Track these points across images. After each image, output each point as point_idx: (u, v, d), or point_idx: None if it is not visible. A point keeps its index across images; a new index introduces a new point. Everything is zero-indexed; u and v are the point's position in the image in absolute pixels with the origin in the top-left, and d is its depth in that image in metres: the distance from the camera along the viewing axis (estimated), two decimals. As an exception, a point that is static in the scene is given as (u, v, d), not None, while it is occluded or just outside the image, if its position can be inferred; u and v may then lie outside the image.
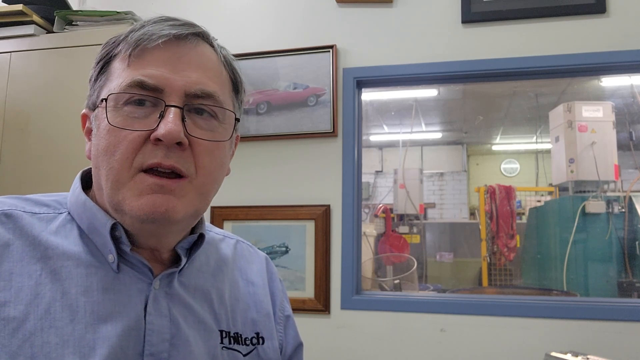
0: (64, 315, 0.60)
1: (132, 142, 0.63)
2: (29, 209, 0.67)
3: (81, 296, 0.62)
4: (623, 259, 3.12)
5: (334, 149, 2.21)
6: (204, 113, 0.67)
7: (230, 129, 0.71)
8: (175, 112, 0.63)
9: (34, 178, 1.94)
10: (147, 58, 0.65)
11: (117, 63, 0.67)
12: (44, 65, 2.05)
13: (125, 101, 0.64)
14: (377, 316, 2.07)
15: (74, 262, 0.64)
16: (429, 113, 6.27)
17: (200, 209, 0.69)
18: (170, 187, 0.63)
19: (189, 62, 0.67)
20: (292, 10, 2.37)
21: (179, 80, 0.65)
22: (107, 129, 0.64)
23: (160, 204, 0.62)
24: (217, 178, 0.71)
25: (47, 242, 0.64)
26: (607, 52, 2.01)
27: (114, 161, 0.63)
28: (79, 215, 0.68)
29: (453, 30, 2.18)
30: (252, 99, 2.33)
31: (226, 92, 0.72)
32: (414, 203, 5.27)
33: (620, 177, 3.29)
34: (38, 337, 0.58)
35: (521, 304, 1.99)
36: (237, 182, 2.29)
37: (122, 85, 0.64)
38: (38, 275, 0.61)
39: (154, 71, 0.64)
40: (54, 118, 2.00)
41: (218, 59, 0.72)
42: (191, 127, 0.65)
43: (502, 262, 4.44)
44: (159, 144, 0.63)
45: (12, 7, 2.08)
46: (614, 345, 1.85)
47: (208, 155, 0.67)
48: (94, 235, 0.67)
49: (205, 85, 0.67)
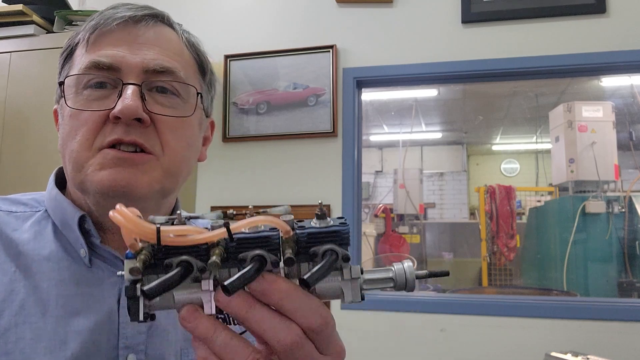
0: (36, 310, 0.60)
1: (91, 123, 0.62)
2: (6, 208, 0.67)
3: (53, 290, 0.61)
4: (623, 259, 3.12)
5: (334, 149, 2.21)
6: (167, 92, 0.65)
7: (194, 106, 0.68)
8: (133, 89, 0.62)
9: (34, 178, 1.94)
10: (104, 41, 0.65)
11: (78, 51, 0.67)
12: (44, 65, 2.04)
13: (85, 85, 0.64)
14: (377, 316, 2.07)
15: (45, 257, 0.63)
16: (429, 113, 6.27)
17: (168, 188, 0.66)
18: (133, 160, 0.62)
19: (146, 41, 0.66)
20: (292, 10, 2.37)
21: (135, 58, 0.64)
22: (69, 115, 0.64)
23: (122, 178, 0.61)
24: (186, 158, 0.68)
25: (20, 240, 0.64)
26: (607, 52, 2.01)
27: (74, 143, 0.63)
28: (52, 210, 0.68)
29: (453, 30, 2.18)
30: (252, 99, 2.33)
31: (190, 72, 0.69)
32: (414, 203, 5.27)
33: (620, 177, 3.29)
34: (12, 333, 0.58)
35: (521, 304, 1.99)
36: (237, 182, 2.29)
37: (80, 69, 0.64)
38: (12, 272, 0.61)
39: (109, 51, 0.63)
40: (53, 118, 1.99)
41: (179, 39, 0.70)
42: (152, 104, 0.64)
43: (502, 262, 4.44)
44: (118, 122, 0.61)
45: (12, 7, 2.08)
46: (614, 345, 1.85)
47: (172, 133, 0.65)
48: (66, 230, 0.66)
49: (163, 61, 0.65)
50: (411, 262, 0.48)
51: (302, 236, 0.42)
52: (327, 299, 0.44)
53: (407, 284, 0.46)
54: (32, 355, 0.57)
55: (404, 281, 0.46)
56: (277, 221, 0.42)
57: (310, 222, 0.44)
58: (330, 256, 0.41)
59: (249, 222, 0.42)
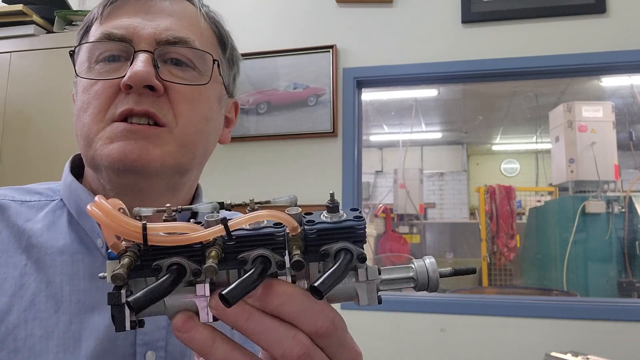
0: (48, 305, 0.56)
1: (103, 94, 0.59)
2: (19, 198, 0.64)
3: (66, 285, 0.58)
4: (623, 259, 3.12)
5: (334, 149, 2.21)
6: (182, 64, 0.62)
7: (209, 76, 0.64)
8: (145, 56, 0.59)
9: (34, 177, 1.94)
10: (117, 13, 0.63)
11: (93, 27, 0.65)
12: (44, 65, 2.05)
13: (97, 59, 0.61)
14: (377, 316, 2.07)
15: (58, 249, 0.60)
16: (429, 113, 6.27)
17: (184, 164, 0.62)
18: (144, 132, 0.58)
19: (161, 11, 0.63)
20: (292, 10, 2.37)
21: (148, 28, 0.61)
22: (82, 89, 0.61)
23: (132, 151, 0.57)
24: (202, 130, 0.64)
25: (32, 231, 0.61)
26: (607, 52, 2.01)
27: (86, 116, 0.60)
28: (67, 199, 0.65)
29: (453, 30, 2.18)
30: (252, 99, 2.33)
31: (207, 43, 0.66)
32: (414, 203, 5.27)
33: (620, 177, 3.29)
34: (22, 330, 0.55)
35: (521, 304, 1.99)
36: (237, 182, 2.29)
37: (92, 41, 0.62)
38: (23, 266, 0.58)
39: (122, 22, 0.61)
40: (53, 118, 2.00)
41: (196, 11, 0.67)
42: (166, 73, 0.61)
43: (502, 262, 4.44)
44: (130, 91, 0.58)
45: (12, 7, 2.08)
46: (614, 345, 1.85)
47: (187, 103, 0.61)
48: (82, 219, 0.63)
49: (177, 31, 0.62)
50: (433, 258, 0.42)
51: (310, 233, 0.37)
52: (338, 301, 0.39)
53: (429, 283, 0.40)
54: (42, 353, 0.54)
55: (426, 280, 0.40)
56: (282, 216, 0.37)
57: (321, 215, 0.39)
58: (344, 257, 0.36)
59: (249, 217, 0.37)
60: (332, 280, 0.35)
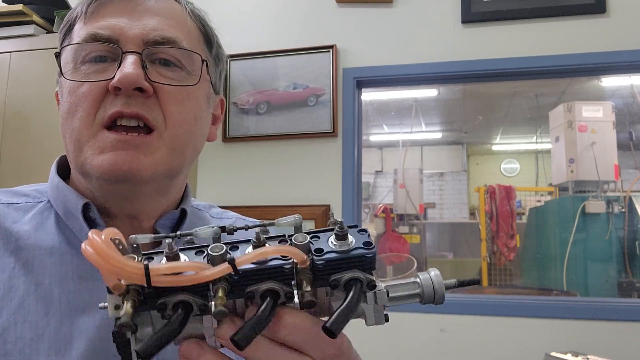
0: (38, 307, 0.56)
1: (91, 96, 0.59)
2: (6, 200, 0.64)
3: (55, 286, 0.58)
4: (623, 259, 3.12)
5: (334, 149, 2.21)
6: (170, 64, 0.62)
7: (198, 76, 0.64)
8: (134, 58, 0.58)
9: (34, 178, 1.94)
10: (102, 12, 0.61)
11: (76, 26, 0.64)
12: (44, 65, 2.04)
13: (83, 60, 0.60)
14: (377, 316, 2.07)
15: (47, 251, 0.60)
16: (429, 113, 6.27)
17: (175, 167, 0.62)
18: (134, 142, 0.58)
19: (147, 10, 0.62)
20: (292, 10, 2.37)
21: (135, 28, 0.60)
22: (68, 91, 0.60)
23: (123, 162, 0.57)
24: (192, 133, 0.64)
25: (20, 233, 0.60)
26: (607, 52, 2.01)
27: (75, 120, 0.59)
28: (55, 200, 0.64)
29: (453, 30, 2.18)
30: (252, 99, 2.33)
31: (194, 42, 0.65)
32: (414, 203, 5.27)
33: (620, 177, 3.29)
34: (11, 333, 0.54)
35: (521, 304, 1.99)
36: (237, 182, 2.29)
37: (77, 41, 0.61)
38: (11, 268, 0.57)
39: (108, 22, 0.60)
40: (53, 118, 1.99)
41: (182, 9, 0.66)
42: (154, 75, 0.60)
43: (502, 262, 4.44)
44: (118, 93, 0.58)
45: (12, 7, 2.08)
46: (614, 345, 1.85)
47: (176, 104, 0.61)
48: (70, 220, 0.62)
49: (165, 31, 0.61)
50: (438, 270, 0.42)
51: (319, 263, 0.36)
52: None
53: (435, 296, 0.40)
54: (33, 355, 0.54)
55: (432, 294, 0.40)
56: (290, 250, 0.36)
57: (328, 241, 0.38)
58: (354, 291, 0.36)
59: (256, 254, 0.36)
60: (344, 319, 0.35)
